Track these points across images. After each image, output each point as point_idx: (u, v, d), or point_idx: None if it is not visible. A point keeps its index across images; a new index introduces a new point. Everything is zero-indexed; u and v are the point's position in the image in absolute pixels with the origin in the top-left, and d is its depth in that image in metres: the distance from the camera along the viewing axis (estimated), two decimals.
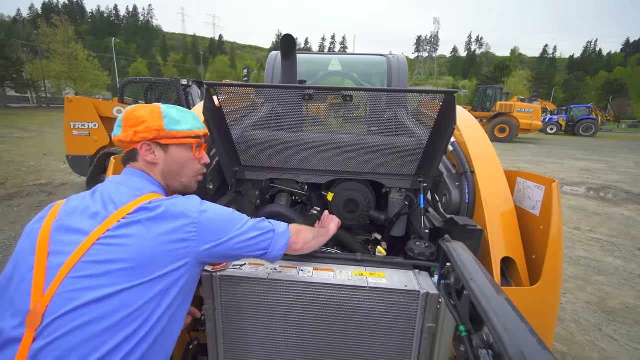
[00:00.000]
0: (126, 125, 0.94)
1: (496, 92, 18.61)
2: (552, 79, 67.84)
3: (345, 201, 1.56)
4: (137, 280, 0.76)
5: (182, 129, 0.99)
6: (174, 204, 0.85)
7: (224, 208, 0.94)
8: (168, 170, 0.99)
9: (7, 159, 8.15)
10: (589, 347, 2.32)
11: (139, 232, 0.79)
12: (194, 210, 0.86)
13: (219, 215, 0.90)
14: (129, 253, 0.77)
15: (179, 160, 1.01)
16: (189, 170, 1.04)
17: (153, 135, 0.94)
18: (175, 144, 0.99)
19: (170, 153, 0.99)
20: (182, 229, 0.82)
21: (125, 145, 0.97)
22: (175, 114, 0.99)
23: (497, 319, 0.56)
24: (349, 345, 1.09)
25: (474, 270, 0.75)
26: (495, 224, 1.15)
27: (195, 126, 1.03)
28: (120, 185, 0.90)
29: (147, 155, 0.96)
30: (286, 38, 1.76)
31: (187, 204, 0.87)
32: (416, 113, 1.54)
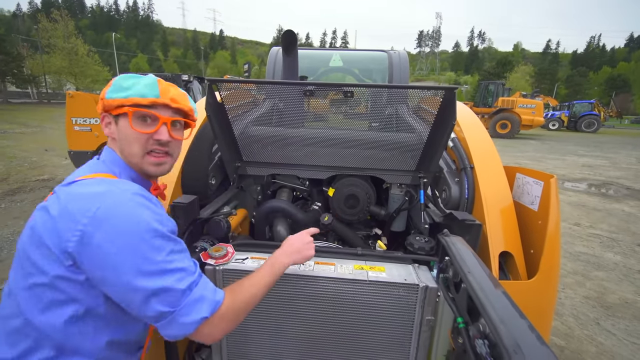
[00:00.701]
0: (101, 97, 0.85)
1: (498, 87, 18.51)
2: (554, 75, 67.33)
3: (345, 197, 1.57)
4: (21, 280, 0.71)
5: (119, 96, 0.81)
6: (69, 198, 0.70)
7: (147, 227, 0.70)
8: (122, 147, 0.85)
9: (9, 154, 8.18)
10: (587, 341, 2.35)
11: (34, 218, 0.72)
12: (85, 215, 0.66)
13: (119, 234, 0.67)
14: (21, 243, 0.73)
15: (122, 134, 0.84)
16: (135, 148, 0.84)
17: (101, 106, 0.84)
18: (118, 113, 0.83)
19: (119, 125, 0.84)
20: (61, 235, 0.67)
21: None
22: (125, 81, 0.83)
23: (493, 310, 0.58)
24: (349, 338, 1.11)
25: (471, 263, 0.77)
26: (494, 219, 1.17)
27: (137, 92, 0.81)
28: (87, 164, 0.84)
29: (105, 128, 0.87)
30: (287, 34, 1.76)
31: (86, 201, 0.68)
32: (417, 109, 1.55)
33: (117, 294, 0.68)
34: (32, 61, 34.60)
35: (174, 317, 0.68)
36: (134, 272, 0.65)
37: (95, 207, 0.66)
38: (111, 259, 0.65)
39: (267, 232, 1.63)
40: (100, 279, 0.67)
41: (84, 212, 0.66)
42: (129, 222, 0.67)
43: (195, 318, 0.69)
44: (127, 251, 0.65)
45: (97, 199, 0.68)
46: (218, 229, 1.30)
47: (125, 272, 0.65)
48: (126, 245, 0.66)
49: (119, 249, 0.65)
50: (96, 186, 0.72)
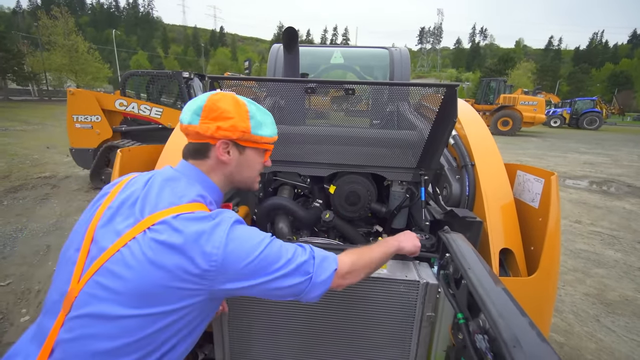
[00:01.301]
0: (207, 116, 0.83)
1: (500, 84, 18.44)
2: (556, 71, 66.98)
3: (347, 194, 1.58)
4: (135, 310, 0.69)
5: (265, 134, 0.90)
6: (195, 230, 0.73)
7: (259, 238, 0.79)
8: (237, 172, 0.91)
9: (10, 151, 8.20)
10: (586, 337, 2.36)
11: (152, 252, 0.70)
12: (215, 244, 0.72)
13: (248, 251, 0.75)
14: (131, 275, 0.69)
15: (251, 163, 0.94)
16: (255, 173, 0.97)
17: (237, 136, 0.85)
18: (253, 147, 0.91)
19: (245, 155, 0.91)
20: (197, 265, 0.71)
21: (200, 137, 0.85)
22: (259, 116, 0.90)
23: (492, 306, 0.59)
24: (350, 333, 1.12)
25: (472, 259, 0.78)
26: (494, 216, 1.17)
27: (274, 132, 0.95)
28: (167, 184, 0.82)
29: (223, 154, 0.86)
30: (288, 31, 1.76)
31: (210, 234, 0.73)
32: (418, 106, 1.55)
33: (263, 295, 0.79)
34: (33, 58, 34.55)
35: (313, 280, 0.79)
36: (270, 277, 0.76)
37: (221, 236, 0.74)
38: (247, 272, 0.75)
39: (269, 229, 1.64)
40: (238, 291, 0.77)
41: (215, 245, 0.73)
42: (250, 243, 0.77)
43: (328, 274, 0.81)
44: (258, 266, 0.75)
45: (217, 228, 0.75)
46: None
47: (263, 279, 0.76)
48: (254, 262, 0.75)
49: (251, 267, 0.75)
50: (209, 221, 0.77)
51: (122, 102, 5.71)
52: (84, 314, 0.68)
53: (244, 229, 0.79)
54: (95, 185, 5.54)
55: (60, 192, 5.35)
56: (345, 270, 0.85)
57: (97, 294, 0.69)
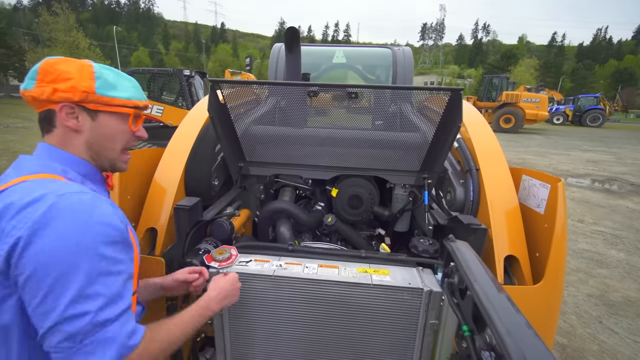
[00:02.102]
0: (43, 79, 0.75)
1: (502, 81, 18.32)
2: (560, 68, 66.44)
3: (349, 197, 1.57)
4: None
5: (119, 96, 0.81)
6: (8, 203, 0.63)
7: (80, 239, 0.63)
8: (95, 142, 0.82)
9: (12, 149, 8.22)
10: (589, 339, 2.35)
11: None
12: (21, 223, 0.61)
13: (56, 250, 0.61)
14: None
15: (110, 131, 0.83)
16: (119, 145, 0.86)
17: (79, 98, 0.76)
18: (107, 111, 0.81)
19: (99, 121, 0.81)
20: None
21: (39, 104, 0.77)
22: (111, 77, 0.81)
23: (500, 323, 0.57)
24: (352, 340, 1.11)
25: (478, 271, 0.76)
26: (499, 222, 1.16)
27: (134, 95, 0.85)
28: (14, 165, 0.75)
29: (69, 119, 0.77)
30: (290, 31, 1.74)
31: (21, 208, 0.62)
32: (421, 107, 1.53)
33: (32, 308, 0.61)
34: (34, 55, 34.50)
35: (74, 352, 0.60)
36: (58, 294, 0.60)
37: (30, 213, 0.61)
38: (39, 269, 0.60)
39: (271, 232, 1.63)
40: (22, 286, 0.61)
41: (19, 220, 0.61)
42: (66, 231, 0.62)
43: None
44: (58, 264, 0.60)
45: (33, 204, 0.63)
46: (221, 230, 1.30)
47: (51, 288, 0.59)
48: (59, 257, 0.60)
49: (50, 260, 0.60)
50: (32, 192, 0.65)
51: None
52: None
53: (78, 209, 0.65)
54: None
55: None
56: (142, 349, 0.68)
57: None
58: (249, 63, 16.69)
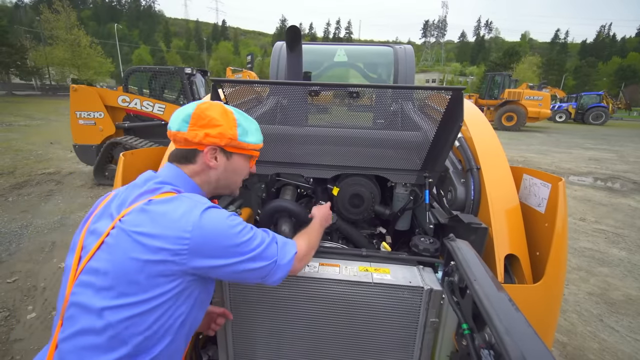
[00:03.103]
0: (195, 123, 0.86)
1: (504, 79, 18.22)
2: (562, 65, 65.99)
3: (350, 196, 1.57)
4: (116, 300, 0.69)
5: (251, 142, 0.96)
6: (167, 213, 0.74)
7: (231, 221, 0.80)
8: (224, 177, 0.96)
9: (15, 147, 8.26)
10: (589, 337, 2.36)
11: (125, 241, 0.72)
12: (187, 226, 0.74)
13: (221, 232, 0.78)
14: (109, 267, 0.71)
15: (237, 170, 0.99)
16: (239, 179, 1.02)
17: (225, 143, 0.89)
18: (240, 153, 0.96)
19: (232, 161, 0.96)
20: (170, 249, 0.72)
21: (188, 144, 0.89)
22: (245, 124, 0.95)
23: (499, 322, 0.58)
24: (353, 338, 1.12)
25: (478, 271, 0.77)
26: (500, 221, 1.16)
27: (259, 139, 1.01)
28: (144, 183, 0.84)
29: (211, 160, 0.90)
30: (291, 30, 1.73)
31: (182, 216, 0.75)
32: (423, 105, 1.53)
33: (232, 277, 0.81)
34: (35, 53, 34.59)
35: (277, 263, 0.85)
36: (241, 259, 0.79)
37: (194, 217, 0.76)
38: (220, 252, 0.77)
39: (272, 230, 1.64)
40: (211, 270, 0.78)
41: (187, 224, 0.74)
42: (223, 225, 0.79)
43: (289, 256, 0.88)
44: (231, 247, 0.78)
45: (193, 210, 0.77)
46: None
47: (234, 260, 0.78)
48: (226, 243, 0.78)
49: (224, 247, 0.78)
50: (182, 203, 0.79)
51: (124, 99, 5.72)
52: (71, 312, 0.71)
53: (217, 211, 0.81)
54: (99, 182, 5.58)
55: (65, 189, 5.38)
56: (302, 253, 0.94)
57: (82, 292, 0.71)
58: (250, 61, 16.70)
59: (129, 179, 1.26)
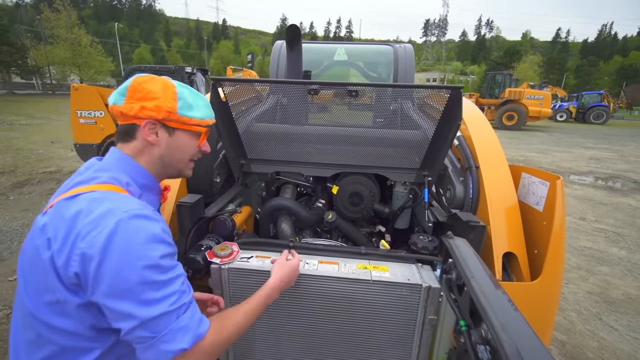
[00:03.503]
0: (132, 96, 0.82)
1: (505, 78, 18.17)
2: (564, 64, 65.83)
3: (349, 194, 1.58)
4: (26, 298, 0.72)
5: (195, 116, 0.90)
6: (71, 222, 0.68)
7: (152, 251, 0.69)
8: (167, 155, 0.90)
9: (16, 146, 8.27)
10: (588, 336, 2.36)
11: (28, 246, 0.72)
12: (92, 241, 0.66)
13: (130, 261, 0.67)
14: (22, 275, 0.72)
15: (183, 147, 0.92)
16: (188, 157, 0.95)
17: (162, 117, 0.84)
18: (183, 128, 0.90)
19: (175, 137, 0.89)
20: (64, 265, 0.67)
21: (124, 118, 0.85)
22: (189, 98, 0.89)
23: (495, 318, 0.59)
24: (352, 335, 1.13)
25: (475, 268, 0.77)
26: (498, 220, 1.17)
27: (207, 115, 0.94)
28: (84, 171, 0.81)
29: (149, 134, 0.85)
30: (291, 29, 1.74)
31: (90, 224, 0.67)
32: (422, 104, 1.53)
33: (111, 315, 0.68)
34: (36, 52, 34.63)
35: (154, 342, 0.67)
36: (134, 301, 0.66)
37: (98, 232, 0.66)
38: (113, 283, 0.66)
39: (272, 229, 1.65)
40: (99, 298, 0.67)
41: (87, 236, 0.67)
42: (132, 249, 0.67)
43: (174, 348, 0.67)
44: (129, 279, 0.66)
45: (101, 221, 0.68)
46: (223, 227, 1.32)
47: (125, 298, 0.66)
48: (128, 273, 0.66)
49: (121, 275, 0.66)
50: (99, 205, 0.70)
51: None
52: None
53: (140, 228, 0.69)
54: None
55: None
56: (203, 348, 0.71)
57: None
58: (250, 60, 16.66)
59: None
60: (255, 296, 0.93)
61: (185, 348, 0.68)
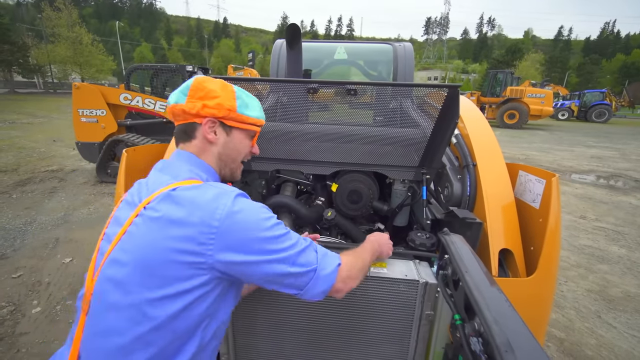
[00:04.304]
0: (194, 95, 0.84)
1: (507, 76, 18.15)
2: (566, 63, 65.61)
3: (349, 192, 1.59)
4: (139, 295, 0.66)
5: (252, 115, 0.91)
6: (195, 199, 0.70)
7: (265, 214, 0.75)
8: (224, 154, 0.91)
9: (18, 144, 8.32)
10: (587, 333, 2.37)
11: (150, 229, 0.68)
12: (216, 214, 0.68)
13: (252, 223, 0.71)
14: (135, 255, 0.67)
15: (238, 146, 0.93)
16: (240, 157, 0.96)
17: (223, 114, 0.85)
18: (239, 128, 0.91)
19: (232, 136, 0.91)
20: (197, 237, 0.67)
21: (186, 117, 0.86)
22: (246, 98, 0.92)
23: (487, 310, 0.60)
24: (350, 330, 1.14)
25: (469, 262, 0.79)
26: (495, 217, 1.18)
27: (261, 115, 0.96)
28: (161, 171, 0.83)
29: (209, 133, 0.86)
30: (291, 28, 1.75)
31: (211, 201, 0.70)
32: (421, 103, 1.55)
33: (265, 282, 0.74)
34: (37, 51, 34.70)
35: (317, 273, 0.75)
36: (272, 257, 0.71)
37: (224, 205, 0.70)
38: (249, 246, 0.70)
39: None
40: (238, 268, 0.71)
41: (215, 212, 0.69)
42: (255, 216, 0.73)
43: (331, 268, 0.77)
44: (262, 242, 0.71)
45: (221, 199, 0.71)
46: None
47: (265, 257, 0.70)
48: (257, 236, 0.71)
49: (254, 240, 0.70)
50: (210, 189, 0.74)
51: (126, 96, 5.74)
52: (95, 309, 0.68)
53: (249, 202, 0.75)
54: (101, 179, 5.62)
55: (68, 186, 5.43)
56: (347, 270, 0.81)
57: (105, 287, 0.68)
58: (251, 58, 16.65)
59: (131, 176, 1.29)
60: (361, 246, 1.00)
61: (339, 263, 0.80)
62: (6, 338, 2.14)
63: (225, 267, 0.69)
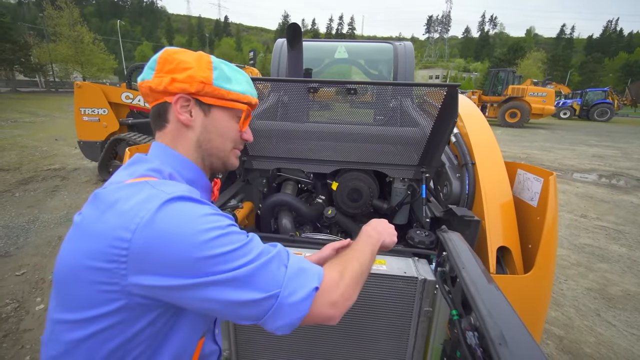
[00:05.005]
0: (162, 69, 0.69)
1: (509, 75, 18.09)
2: (568, 61, 65.30)
3: (349, 190, 1.61)
4: (59, 314, 0.56)
5: (234, 89, 0.74)
6: (117, 203, 0.55)
7: (197, 224, 0.55)
8: (205, 140, 0.74)
9: (20, 143, 8.36)
10: (586, 331, 2.39)
11: (68, 239, 0.57)
12: (131, 224, 0.52)
13: (180, 236, 0.53)
14: (56, 270, 0.57)
15: (220, 129, 0.76)
16: (229, 143, 0.78)
17: (195, 89, 0.69)
18: (220, 105, 0.74)
19: (211, 117, 0.74)
20: (107, 252, 0.52)
21: (154, 96, 0.71)
22: (227, 70, 0.75)
23: (482, 304, 0.62)
24: (349, 327, 1.16)
25: (466, 259, 0.80)
26: (493, 215, 1.19)
27: (247, 90, 0.78)
28: (125, 168, 0.69)
29: (182, 113, 0.70)
30: (292, 27, 1.76)
31: (136, 206, 0.53)
32: (421, 102, 1.56)
33: (206, 309, 0.56)
34: (39, 50, 34.78)
35: (279, 300, 0.55)
36: (211, 279, 0.53)
37: (145, 212, 0.54)
38: (172, 267, 0.53)
39: (273, 224, 1.68)
40: (163, 294, 0.55)
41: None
42: (186, 226, 0.55)
43: (304, 292, 0.57)
44: (187, 258, 0.53)
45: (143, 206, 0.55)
46: None
47: (198, 280, 0.53)
48: (189, 251, 0.53)
49: (177, 256, 0.53)
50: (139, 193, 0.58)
51: (128, 95, 5.76)
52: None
53: (187, 208, 0.56)
54: (103, 178, 5.65)
55: (70, 184, 5.46)
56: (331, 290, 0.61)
57: (53, 302, 0.60)
58: (252, 57, 16.63)
59: None
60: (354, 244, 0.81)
61: (316, 286, 0.59)
62: (11, 334, 2.17)
63: (146, 292, 0.53)
